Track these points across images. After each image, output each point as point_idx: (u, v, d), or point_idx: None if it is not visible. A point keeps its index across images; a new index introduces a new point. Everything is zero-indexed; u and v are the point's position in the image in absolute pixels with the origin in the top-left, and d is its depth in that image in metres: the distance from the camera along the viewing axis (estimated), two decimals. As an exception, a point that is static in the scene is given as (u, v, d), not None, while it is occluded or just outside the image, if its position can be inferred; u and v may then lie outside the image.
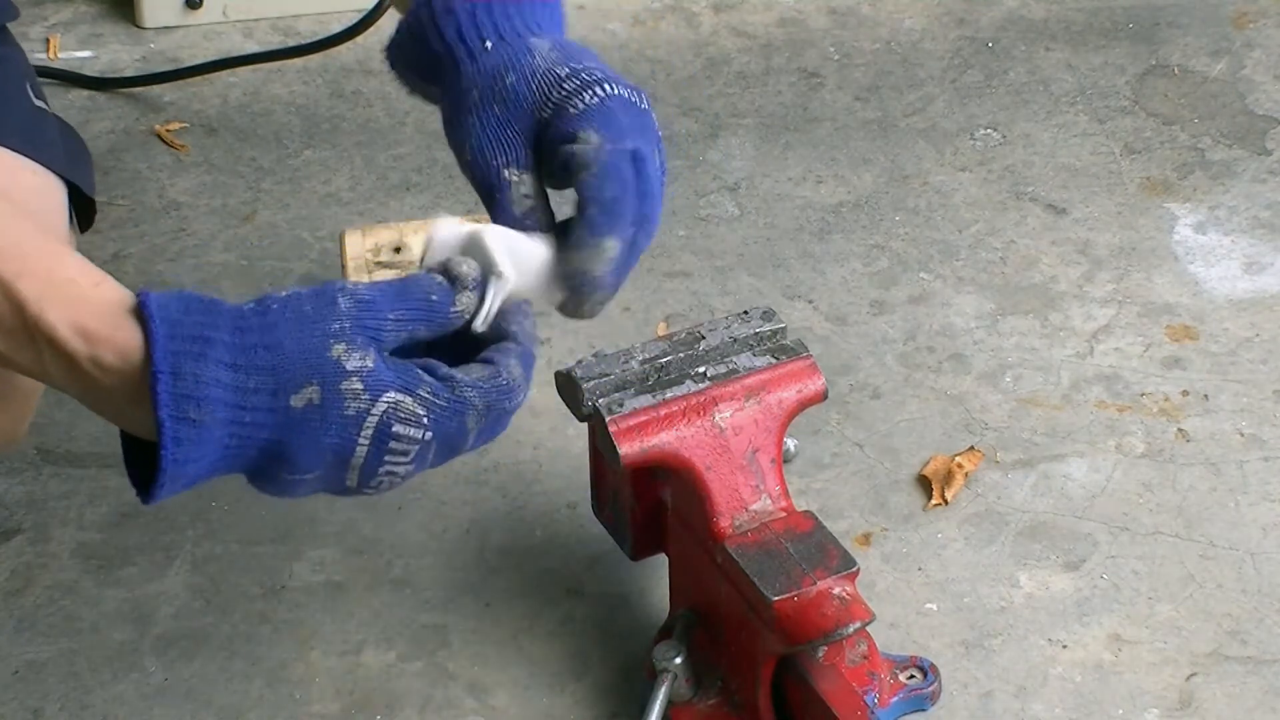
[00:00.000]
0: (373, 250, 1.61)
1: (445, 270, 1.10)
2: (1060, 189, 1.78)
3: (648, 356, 1.31)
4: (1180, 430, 1.54)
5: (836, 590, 1.23)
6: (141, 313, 1.03)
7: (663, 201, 1.19)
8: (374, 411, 1.05)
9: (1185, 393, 1.57)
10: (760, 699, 1.28)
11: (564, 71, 1.19)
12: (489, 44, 1.22)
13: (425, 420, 1.06)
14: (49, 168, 1.35)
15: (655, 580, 1.40)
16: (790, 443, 1.37)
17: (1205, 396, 1.57)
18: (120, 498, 1.48)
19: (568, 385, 1.29)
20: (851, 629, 1.22)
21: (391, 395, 1.05)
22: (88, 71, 1.90)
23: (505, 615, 1.40)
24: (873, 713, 1.25)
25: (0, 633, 1.39)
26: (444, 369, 1.08)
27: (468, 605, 1.41)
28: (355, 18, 1.83)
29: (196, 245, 1.71)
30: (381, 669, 1.36)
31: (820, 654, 1.26)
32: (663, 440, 1.27)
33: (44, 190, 1.34)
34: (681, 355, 1.31)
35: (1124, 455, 1.52)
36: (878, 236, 1.73)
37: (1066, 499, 1.48)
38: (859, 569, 1.24)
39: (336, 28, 1.85)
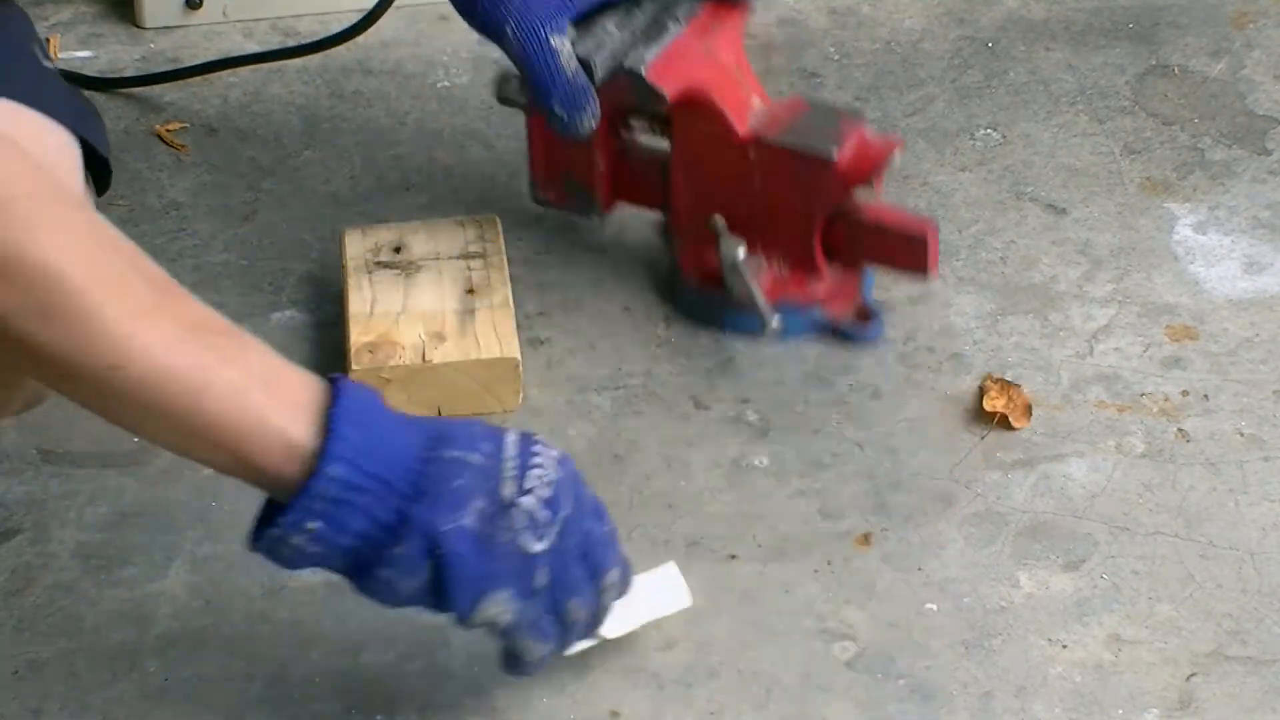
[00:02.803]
0: (373, 250, 1.61)
1: None
2: (1060, 189, 1.77)
3: (620, 22, 1.52)
4: (1180, 430, 1.54)
5: (865, 132, 1.51)
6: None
7: None
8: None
9: (1185, 393, 1.57)
10: (817, 256, 1.53)
11: None
12: None
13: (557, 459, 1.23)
14: (63, 124, 1.33)
15: (655, 580, 1.40)
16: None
17: (1205, 396, 1.57)
18: (120, 498, 1.48)
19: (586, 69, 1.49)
20: (898, 155, 1.51)
21: None
22: (88, 71, 1.90)
23: (505, 615, 1.40)
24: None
25: (0, 633, 1.39)
26: None
27: (468, 605, 1.41)
28: (355, 18, 1.83)
29: (196, 245, 1.71)
30: (381, 669, 1.36)
31: (868, 194, 1.51)
32: (689, 74, 1.51)
33: (61, 149, 1.33)
34: (649, 13, 1.52)
35: (1124, 455, 1.52)
36: (878, 236, 1.73)
37: (1066, 499, 1.48)
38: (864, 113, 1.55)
39: (336, 28, 1.85)
